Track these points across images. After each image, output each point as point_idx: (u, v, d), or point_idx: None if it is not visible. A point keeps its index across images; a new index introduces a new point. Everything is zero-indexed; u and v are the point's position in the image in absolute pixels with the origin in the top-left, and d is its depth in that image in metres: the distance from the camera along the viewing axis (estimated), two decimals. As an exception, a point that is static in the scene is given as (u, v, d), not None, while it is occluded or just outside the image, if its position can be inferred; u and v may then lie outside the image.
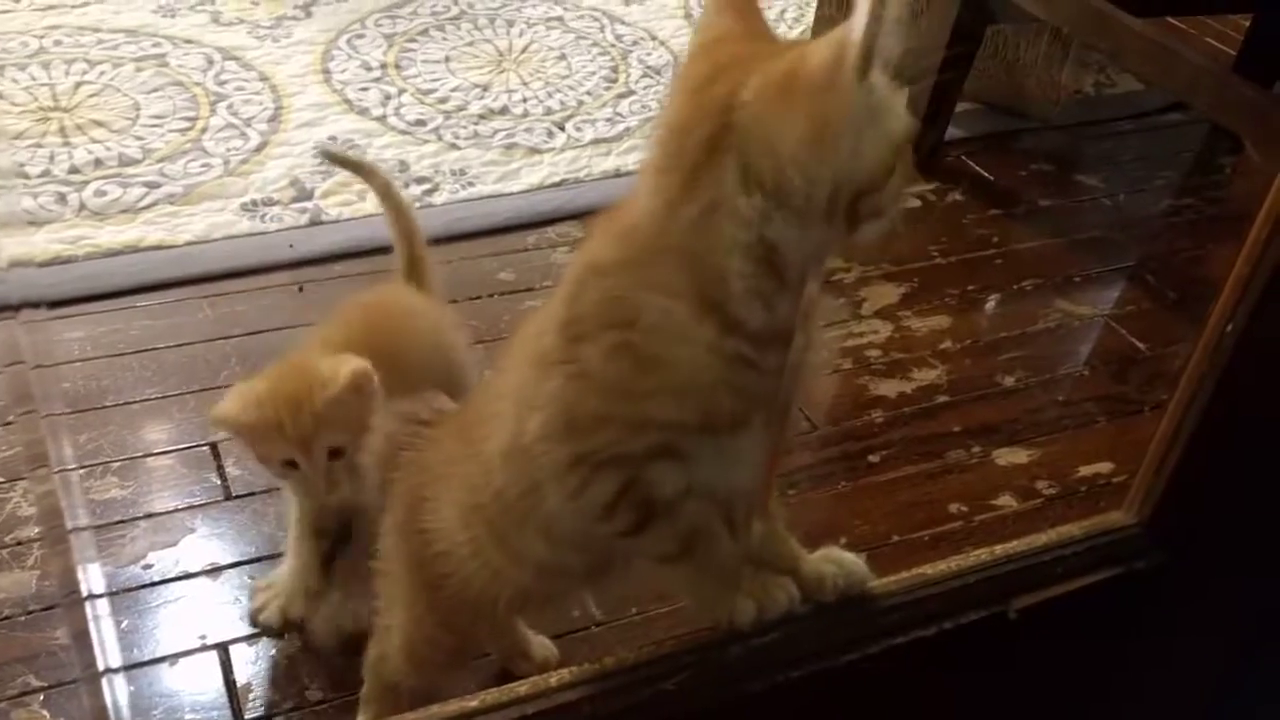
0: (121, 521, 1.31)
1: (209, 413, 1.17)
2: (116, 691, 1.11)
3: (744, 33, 0.67)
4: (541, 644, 1.18)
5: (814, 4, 2.42)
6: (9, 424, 1.41)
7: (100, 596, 1.18)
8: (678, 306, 0.65)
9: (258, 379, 1.17)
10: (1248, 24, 2.26)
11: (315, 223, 1.79)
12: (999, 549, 0.86)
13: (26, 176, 1.81)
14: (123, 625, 1.20)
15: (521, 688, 0.72)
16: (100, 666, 1.11)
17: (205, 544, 1.30)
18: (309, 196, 1.84)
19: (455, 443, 0.89)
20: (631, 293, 0.66)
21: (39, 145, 1.89)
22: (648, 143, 0.70)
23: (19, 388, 1.46)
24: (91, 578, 1.22)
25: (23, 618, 1.19)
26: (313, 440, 1.13)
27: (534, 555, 0.81)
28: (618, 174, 1.98)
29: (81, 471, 1.36)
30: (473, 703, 0.71)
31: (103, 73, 2.11)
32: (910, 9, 2.06)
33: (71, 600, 0.87)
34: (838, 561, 0.80)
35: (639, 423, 0.68)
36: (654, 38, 2.43)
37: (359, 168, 1.60)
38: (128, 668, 1.15)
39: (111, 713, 1.09)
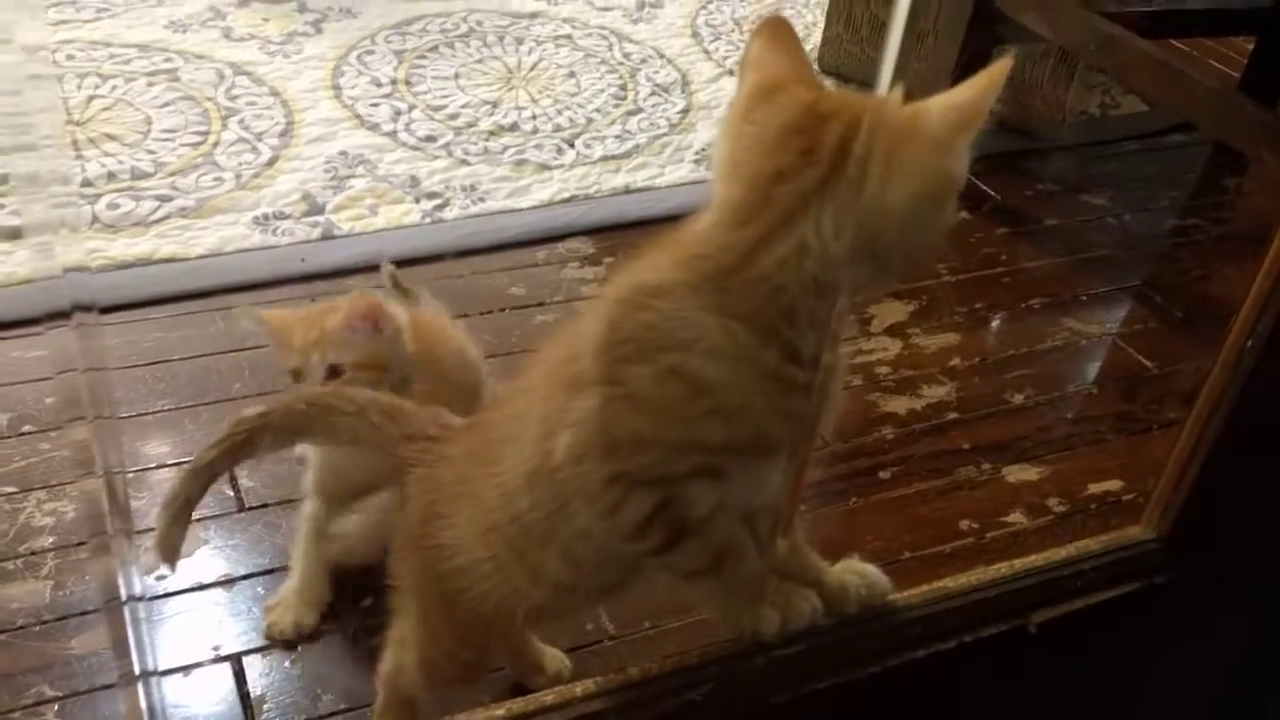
0: (135, 532, 1.30)
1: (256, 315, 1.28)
2: (131, 700, 1.11)
3: (800, 76, 0.70)
4: (555, 657, 1.18)
5: (821, 25, 2.44)
6: (22, 435, 1.42)
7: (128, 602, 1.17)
8: (743, 331, 0.66)
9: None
10: (1251, 46, 2.28)
11: (327, 236, 1.80)
12: (1018, 563, 0.87)
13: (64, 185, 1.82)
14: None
15: (547, 697, 0.73)
16: (116, 675, 1.11)
17: (219, 555, 1.30)
18: (320, 210, 1.85)
19: (470, 461, 0.89)
20: (695, 314, 0.67)
21: (64, 157, 1.90)
22: (717, 175, 0.71)
23: (40, 398, 1.47)
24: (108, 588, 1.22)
25: (37, 628, 1.19)
26: (313, 351, 1.21)
27: (552, 574, 0.81)
28: (627, 190, 1.99)
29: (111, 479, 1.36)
30: (499, 711, 0.71)
31: (115, 87, 2.12)
32: (919, 31, 2.07)
33: (111, 605, 0.87)
34: (860, 573, 0.81)
35: (685, 445, 0.69)
36: (662, 55, 2.44)
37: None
38: (149, 675, 1.15)
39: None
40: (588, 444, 0.71)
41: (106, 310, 1.62)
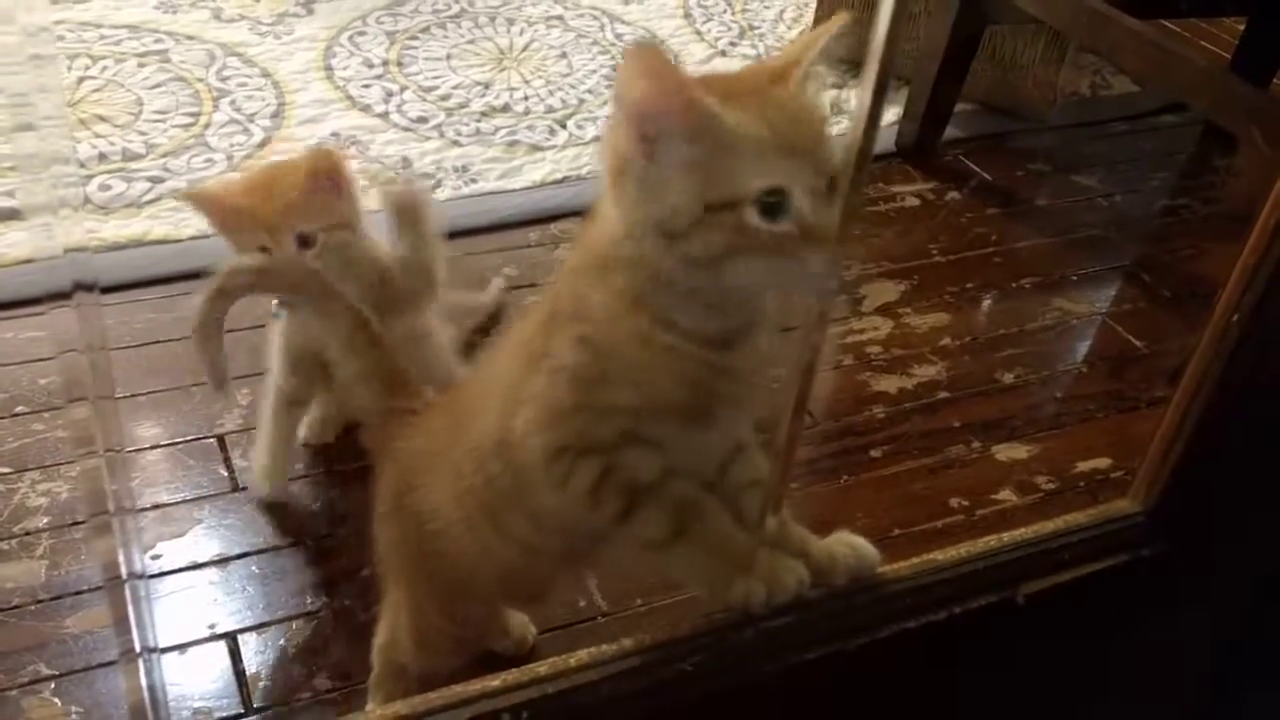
0: (129, 513, 1.31)
1: (185, 193, 1.27)
2: (132, 676, 1.12)
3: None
4: (521, 623, 1.20)
5: (813, 4, 2.44)
6: (15, 416, 1.42)
7: (111, 584, 1.18)
8: (616, 304, 0.72)
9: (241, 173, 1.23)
10: (1241, 28, 2.29)
11: (319, 218, 1.80)
12: (1007, 536, 0.88)
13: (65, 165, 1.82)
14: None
15: (541, 668, 0.74)
16: (118, 653, 1.12)
17: (213, 535, 1.30)
18: (312, 192, 1.85)
19: (446, 429, 0.92)
20: (589, 290, 0.73)
21: (66, 137, 1.89)
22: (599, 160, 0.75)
23: (34, 379, 1.47)
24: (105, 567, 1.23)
25: (32, 607, 1.20)
26: (281, 226, 1.18)
27: (521, 536, 0.85)
28: (619, 171, 1.99)
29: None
30: (494, 682, 0.72)
31: (105, 68, 2.12)
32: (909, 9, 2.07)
33: (113, 583, 0.88)
34: (849, 543, 0.82)
35: (604, 408, 0.73)
36: (654, 36, 2.44)
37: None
38: (151, 651, 1.16)
39: (125, 698, 1.10)
40: (539, 417, 0.76)
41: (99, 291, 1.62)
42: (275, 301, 1.28)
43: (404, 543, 0.97)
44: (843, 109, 2.10)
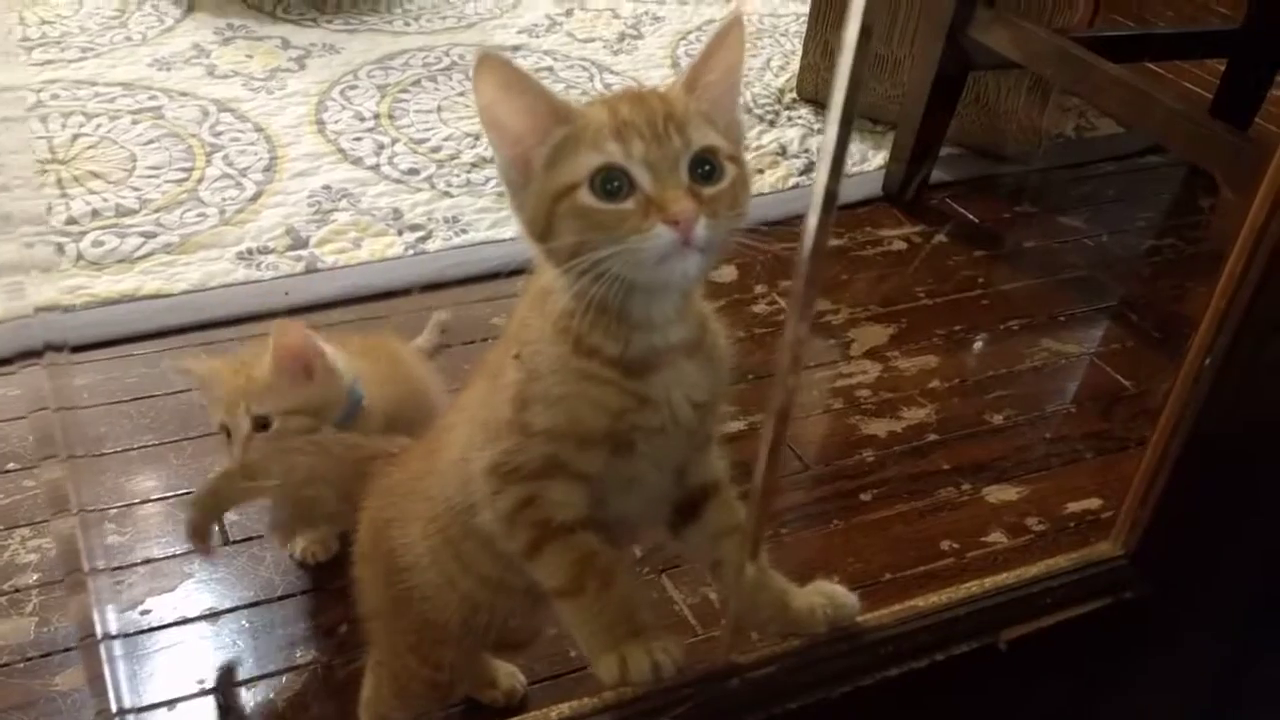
0: (119, 568, 1.31)
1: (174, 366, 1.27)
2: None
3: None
4: (508, 672, 1.20)
5: (799, 53, 2.47)
6: (6, 473, 1.42)
7: (103, 640, 1.18)
8: (548, 329, 0.75)
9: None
10: (1223, 68, 2.32)
11: (311, 270, 1.81)
12: (989, 581, 0.88)
13: (34, 225, 1.83)
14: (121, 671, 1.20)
15: (522, 722, 0.73)
16: (99, 710, 1.11)
17: (203, 589, 1.30)
18: (304, 245, 1.87)
19: (418, 464, 0.94)
20: (530, 314, 0.77)
21: (37, 197, 1.91)
22: None
23: (24, 435, 1.47)
24: (94, 622, 1.23)
25: (21, 664, 1.20)
26: (239, 402, 1.16)
27: (475, 564, 0.85)
28: (608, 220, 2.00)
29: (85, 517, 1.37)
30: (474, 737, 0.72)
31: (99, 125, 2.14)
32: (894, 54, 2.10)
33: (88, 642, 0.88)
34: (826, 593, 0.82)
35: (526, 428, 0.75)
36: (643, 86, 2.46)
37: None
38: (126, 713, 1.16)
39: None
40: (479, 433, 0.78)
41: (91, 347, 1.63)
42: None
43: (380, 581, 0.97)
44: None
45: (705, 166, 0.70)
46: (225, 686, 1.20)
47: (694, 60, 0.74)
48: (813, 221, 0.68)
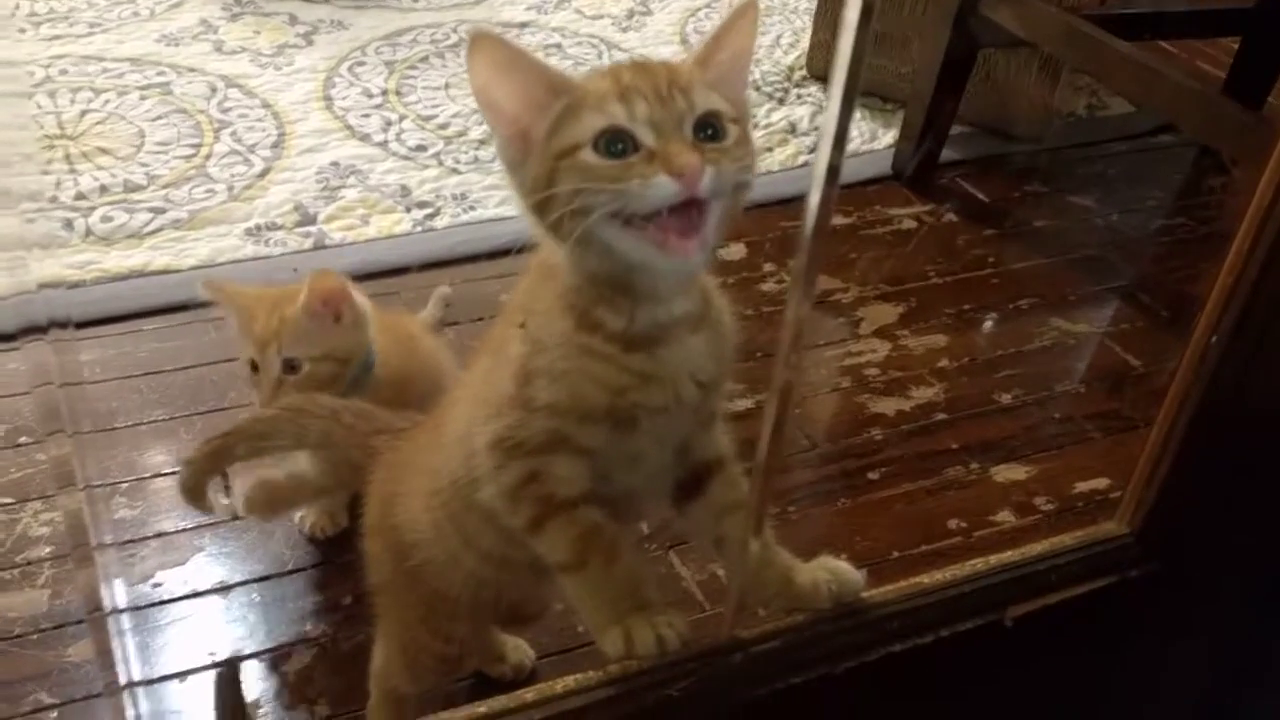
0: (131, 541, 1.32)
1: (206, 284, 1.25)
2: (128, 708, 1.13)
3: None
4: (517, 646, 1.21)
5: (809, 31, 2.46)
6: (18, 446, 1.43)
7: (111, 614, 1.19)
8: (554, 304, 0.75)
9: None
10: (1236, 47, 2.30)
11: (319, 247, 1.82)
12: (994, 559, 0.88)
13: (34, 201, 1.84)
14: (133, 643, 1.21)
15: (528, 695, 0.74)
16: (112, 682, 1.12)
17: (214, 563, 1.31)
18: (312, 221, 1.87)
19: (424, 439, 0.94)
20: (538, 287, 0.77)
21: (46, 172, 1.92)
22: None
23: (34, 411, 1.48)
24: (102, 596, 1.24)
25: (34, 636, 1.21)
26: (270, 344, 1.17)
27: (479, 539, 0.85)
28: (617, 197, 2.00)
29: (92, 492, 1.38)
30: (480, 709, 0.73)
31: (108, 101, 2.14)
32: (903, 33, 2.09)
33: (95, 616, 0.89)
34: (831, 569, 0.82)
35: (529, 403, 0.75)
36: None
37: None
38: (137, 684, 1.17)
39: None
40: (484, 407, 0.78)
41: (100, 322, 1.64)
42: None
43: (388, 555, 0.98)
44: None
45: (709, 129, 0.70)
46: (237, 658, 1.21)
47: (705, 39, 0.74)
48: (815, 197, 0.68)
